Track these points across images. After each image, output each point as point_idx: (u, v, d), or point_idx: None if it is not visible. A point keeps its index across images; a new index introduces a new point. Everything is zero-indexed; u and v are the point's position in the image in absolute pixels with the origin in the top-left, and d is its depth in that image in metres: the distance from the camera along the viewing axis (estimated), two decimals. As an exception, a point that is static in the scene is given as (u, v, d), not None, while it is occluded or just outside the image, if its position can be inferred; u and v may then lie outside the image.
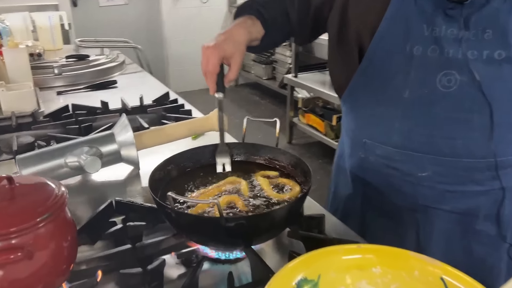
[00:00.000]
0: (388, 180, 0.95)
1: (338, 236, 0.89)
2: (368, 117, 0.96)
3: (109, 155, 1.08)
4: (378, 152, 0.95)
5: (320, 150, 3.43)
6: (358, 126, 0.99)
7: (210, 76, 0.87)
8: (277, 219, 0.77)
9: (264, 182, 0.90)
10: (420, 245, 0.96)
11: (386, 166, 0.94)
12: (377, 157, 0.95)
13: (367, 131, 0.97)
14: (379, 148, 0.94)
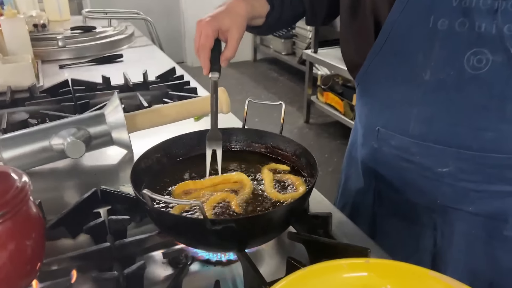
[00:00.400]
0: (403, 175, 0.84)
1: (345, 237, 0.78)
2: (382, 102, 0.83)
3: (99, 137, 0.99)
4: (392, 143, 0.83)
5: (338, 131, 3.29)
6: (372, 112, 0.87)
7: (202, 51, 0.76)
8: (274, 221, 0.67)
9: (268, 177, 0.79)
10: (437, 249, 0.85)
11: (401, 159, 0.83)
12: (391, 148, 0.83)
13: (381, 118, 0.84)
14: (394, 138, 0.82)
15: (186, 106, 1.05)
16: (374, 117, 0.86)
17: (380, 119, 0.85)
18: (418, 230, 0.86)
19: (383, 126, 0.84)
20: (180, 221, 0.63)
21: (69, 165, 1.03)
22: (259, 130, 0.89)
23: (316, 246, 0.72)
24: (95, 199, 0.86)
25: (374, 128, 0.86)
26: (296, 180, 0.78)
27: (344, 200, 1.01)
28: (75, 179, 0.99)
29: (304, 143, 0.85)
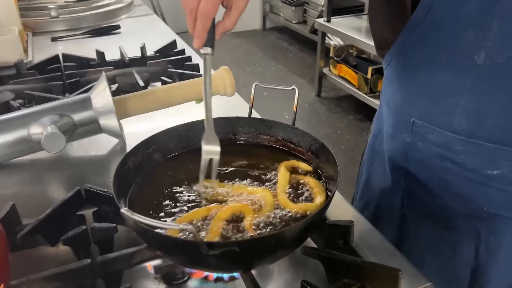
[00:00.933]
0: (442, 176, 0.71)
1: (368, 249, 0.66)
2: (420, 89, 0.70)
3: (85, 124, 0.87)
4: (431, 138, 0.69)
5: (352, 105, 3.13)
6: (406, 100, 0.73)
7: (202, 18, 0.60)
8: (285, 241, 0.54)
9: (283, 178, 0.66)
10: (479, 262, 0.72)
11: (440, 157, 0.69)
12: (429, 144, 0.70)
13: (417, 108, 0.71)
14: (434, 133, 0.69)
15: (184, 88, 0.92)
16: (408, 106, 0.72)
17: (416, 109, 0.71)
18: (456, 238, 0.74)
19: (419, 118, 0.70)
20: (170, 242, 0.51)
21: (51, 155, 0.91)
22: (267, 120, 0.76)
23: (336, 264, 0.60)
24: (78, 200, 0.74)
25: (407, 119, 0.72)
26: (316, 186, 0.65)
27: (365, 199, 0.88)
28: (58, 172, 0.88)
29: (315, 118, 0.72)
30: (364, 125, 2.87)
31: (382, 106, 0.84)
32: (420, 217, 0.77)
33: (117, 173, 0.62)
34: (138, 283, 0.63)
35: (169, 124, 0.76)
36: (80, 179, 0.84)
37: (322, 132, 2.81)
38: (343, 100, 3.22)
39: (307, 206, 0.61)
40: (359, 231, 0.69)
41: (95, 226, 0.66)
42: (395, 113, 0.76)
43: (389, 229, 0.80)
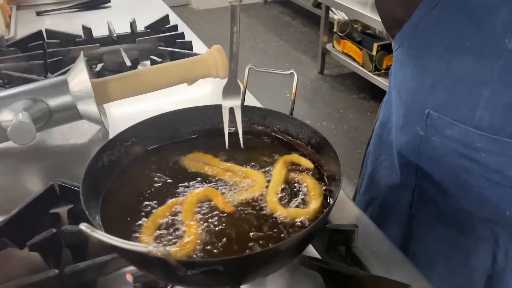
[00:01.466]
0: (459, 176, 0.63)
1: (373, 256, 0.59)
2: (438, 75, 0.61)
3: (62, 110, 0.79)
4: (448, 132, 0.61)
5: (355, 83, 3.02)
6: (420, 88, 0.64)
7: None
8: (276, 257, 0.47)
9: (277, 175, 0.59)
10: (496, 269, 0.65)
11: (458, 155, 0.61)
12: (445, 139, 0.62)
13: (433, 97, 0.62)
14: (452, 127, 0.60)
15: (173, 69, 0.83)
16: (423, 95, 0.64)
17: (431, 99, 0.62)
18: (472, 243, 0.66)
19: (435, 109, 0.62)
20: (141, 259, 0.44)
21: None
22: (261, 108, 0.67)
23: (337, 276, 0.53)
24: (52, 197, 0.67)
25: (421, 110, 0.64)
26: (313, 188, 0.57)
27: (370, 194, 0.81)
28: (33, 163, 0.80)
29: (318, 97, 0.64)
30: (368, 105, 2.77)
31: (391, 92, 0.75)
32: (431, 219, 0.70)
33: (88, 171, 0.54)
34: (116, 290, 0.56)
35: (161, 108, 0.67)
36: (58, 170, 0.77)
37: (325, 112, 2.72)
38: (346, 78, 3.11)
39: (297, 212, 0.53)
40: (363, 234, 0.61)
41: (66, 229, 0.59)
42: (407, 103, 0.68)
43: (395, 229, 0.73)
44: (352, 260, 0.59)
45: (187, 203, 0.54)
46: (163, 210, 0.53)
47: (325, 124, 2.60)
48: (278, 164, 0.61)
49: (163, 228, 0.52)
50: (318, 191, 0.56)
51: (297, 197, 0.57)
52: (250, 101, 0.94)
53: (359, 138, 2.45)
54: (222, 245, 0.49)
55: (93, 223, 0.48)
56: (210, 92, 1.01)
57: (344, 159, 0.93)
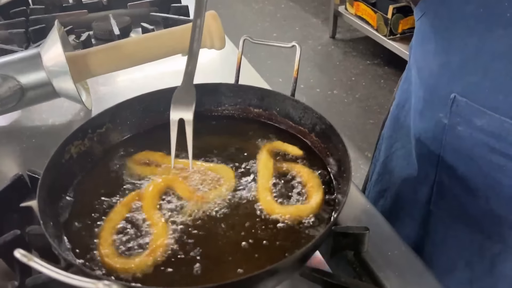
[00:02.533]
0: (489, 173, 0.54)
1: (385, 263, 0.50)
2: (468, 53, 0.51)
3: (36, 87, 0.70)
4: (478, 122, 0.51)
5: (369, 48, 2.86)
6: (445, 67, 0.54)
7: None
8: (274, 275, 0.39)
9: (265, 168, 0.50)
10: None
11: (490, 149, 0.52)
12: (474, 130, 0.52)
13: (461, 80, 0.52)
14: (483, 116, 0.51)
15: (159, 41, 0.73)
16: (449, 77, 0.53)
17: (459, 82, 0.52)
18: (498, 249, 0.57)
19: (463, 94, 0.52)
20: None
21: (7, 124, 0.75)
22: (258, 88, 0.58)
23: (343, 291, 0.45)
24: (21, 189, 0.59)
25: (445, 94, 0.54)
26: (310, 179, 0.48)
27: (382, 184, 0.71)
28: (5, 147, 0.72)
29: (329, 63, 0.54)
30: (382, 71, 2.63)
31: (410, 68, 0.64)
32: (452, 219, 0.61)
33: (50, 168, 0.46)
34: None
35: (155, 84, 0.59)
36: (33, 156, 0.69)
37: (336, 79, 2.59)
38: (359, 43, 2.95)
39: (299, 210, 0.45)
40: (375, 236, 0.52)
41: (31, 231, 0.51)
42: (429, 85, 0.57)
43: (410, 227, 0.64)
44: (361, 267, 0.51)
45: (146, 198, 0.46)
46: (119, 211, 0.45)
47: (336, 92, 2.48)
48: (261, 155, 0.52)
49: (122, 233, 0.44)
50: (315, 181, 0.48)
51: (291, 191, 0.48)
52: (250, 73, 0.84)
53: (372, 108, 2.34)
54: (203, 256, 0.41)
55: (49, 235, 0.40)
56: (211, 62, 0.91)
57: (355, 130, 0.83)
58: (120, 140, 0.55)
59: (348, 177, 0.45)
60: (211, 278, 0.40)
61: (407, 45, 2.84)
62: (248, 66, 0.85)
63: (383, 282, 0.48)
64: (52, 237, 0.40)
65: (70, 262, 0.38)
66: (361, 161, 1.94)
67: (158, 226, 0.44)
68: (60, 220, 0.47)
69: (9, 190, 0.58)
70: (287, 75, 2.60)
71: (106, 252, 0.41)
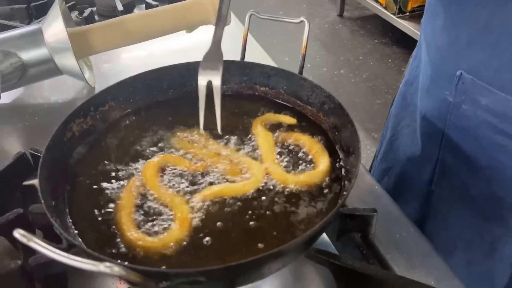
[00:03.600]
0: (492, 154, 0.53)
1: (393, 245, 0.49)
2: (476, 30, 0.49)
3: (38, 64, 0.69)
4: (483, 101, 0.50)
5: (377, 27, 2.81)
6: (453, 44, 0.52)
7: None
8: (273, 261, 0.38)
9: (265, 142, 0.49)
10: None
11: (494, 129, 0.51)
12: (478, 109, 0.51)
13: (468, 57, 0.51)
14: (488, 94, 0.49)
15: (163, 17, 0.71)
16: (456, 53, 0.52)
17: (466, 59, 0.51)
18: (499, 233, 0.57)
19: (469, 71, 0.51)
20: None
21: (11, 100, 0.74)
22: (265, 65, 0.56)
23: (351, 275, 0.44)
24: (24, 166, 0.58)
25: (452, 71, 0.52)
26: (312, 144, 0.47)
27: (387, 162, 0.70)
28: (8, 125, 0.71)
29: (336, 42, 0.53)
30: (390, 51, 2.58)
31: (421, 45, 0.62)
32: (454, 199, 0.60)
33: (52, 146, 0.45)
34: (91, 281, 0.49)
35: (158, 61, 0.57)
36: (36, 134, 0.68)
37: (343, 58, 2.55)
38: (368, 21, 2.89)
39: (311, 175, 0.45)
40: (382, 218, 0.51)
41: (34, 210, 0.50)
42: (436, 61, 0.56)
43: (412, 205, 0.63)
44: (368, 250, 0.50)
45: (150, 177, 0.45)
46: (127, 196, 0.44)
47: (343, 71, 2.45)
48: (256, 129, 0.51)
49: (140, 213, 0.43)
50: (318, 146, 0.48)
51: (297, 160, 0.47)
52: (256, 51, 0.82)
53: (379, 87, 2.30)
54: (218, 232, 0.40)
55: (50, 215, 0.39)
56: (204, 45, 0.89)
57: (362, 110, 0.81)
58: (123, 116, 0.54)
59: (357, 158, 0.43)
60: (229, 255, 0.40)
61: (416, 23, 2.79)
62: (254, 44, 0.83)
63: (391, 264, 0.48)
64: (54, 217, 0.39)
65: (72, 242, 0.37)
66: (368, 142, 1.92)
67: (175, 202, 0.43)
68: (62, 199, 0.46)
69: (11, 169, 0.57)
70: (293, 54, 2.56)
71: (133, 233, 0.40)
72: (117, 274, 0.28)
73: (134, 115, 0.54)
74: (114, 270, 0.28)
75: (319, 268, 0.47)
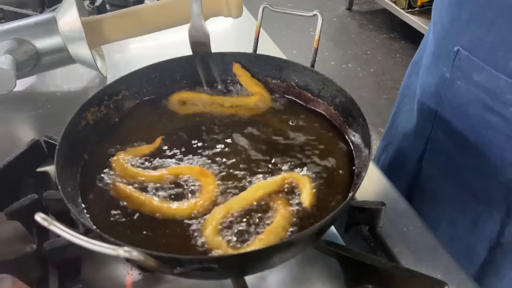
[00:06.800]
0: (481, 131, 0.54)
1: (400, 237, 0.50)
2: (476, 7, 0.51)
3: (51, 53, 0.69)
4: (476, 77, 0.52)
5: (386, 21, 2.79)
6: (455, 21, 0.54)
7: None
8: (284, 251, 0.39)
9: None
10: (502, 242, 0.59)
11: (484, 106, 0.52)
12: (471, 85, 0.53)
13: (467, 34, 0.52)
14: (481, 71, 0.51)
15: (176, 7, 0.71)
16: (457, 30, 0.53)
17: (464, 36, 0.52)
18: (481, 210, 0.59)
19: (466, 48, 0.52)
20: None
21: (23, 89, 0.75)
22: (277, 58, 0.56)
23: (359, 266, 0.45)
24: (38, 154, 0.59)
25: (451, 47, 0.54)
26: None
27: (387, 139, 0.73)
28: (21, 113, 0.72)
29: (344, 36, 0.54)
30: (398, 46, 2.57)
31: (431, 26, 0.64)
32: (441, 176, 0.62)
33: (67, 134, 0.45)
34: (104, 267, 0.50)
35: (170, 52, 0.58)
36: (49, 121, 0.69)
37: (351, 52, 2.54)
38: (376, 15, 2.88)
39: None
40: (390, 211, 0.52)
41: (49, 195, 0.51)
42: (439, 38, 0.57)
43: (403, 181, 0.65)
44: (376, 243, 0.51)
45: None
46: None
47: (351, 66, 2.44)
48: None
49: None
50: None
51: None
52: (267, 44, 0.82)
53: (387, 82, 2.30)
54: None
55: (67, 201, 0.40)
56: (226, 31, 0.89)
57: (369, 105, 0.81)
58: (137, 106, 0.55)
59: (368, 151, 0.44)
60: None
61: (426, 19, 2.77)
62: (265, 36, 0.84)
63: (397, 257, 0.48)
64: (70, 203, 0.40)
65: (88, 227, 0.38)
66: (374, 137, 1.90)
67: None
68: (77, 186, 0.47)
69: (25, 155, 0.58)
70: (301, 47, 2.56)
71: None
72: (135, 259, 0.29)
73: (147, 104, 0.55)
74: (133, 254, 0.28)
75: (326, 259, 0.48)
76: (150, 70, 0.55)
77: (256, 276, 0.46)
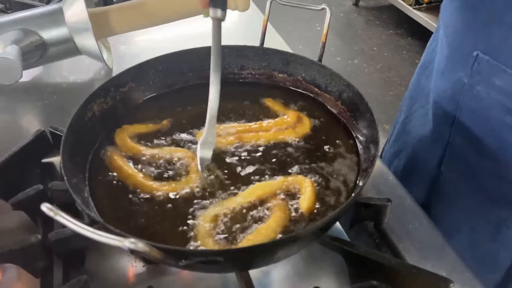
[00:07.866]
0: (503, 136, 0.53)
1: (406, 235, 0.50)
2: (494, 11, 0.50)
3: (58, 44, 0.69)
4: (497, 82, 0.51)
5: (393, 17, 2.77)
6: (471, 25, 0.53)
7: None
8: (290, 245, 0.38)
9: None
10: None
11: (506, 111, 0.52)
12: (492, 90, 0.52)
13: (485, 37, 0.51)
14: (503, 75, 0.50)
15: (182, 0, 0.71)
16: (473, 34, 0.52)
17: (483, 40, 0.51)
18: (504, 216, 0.58)
19: (485, 51, 0.51)
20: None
21: (29, 79, 0.75)
22: (284, 52, 0.56)
23: (363, 262, 0.45)
24: (43, 145, 0.59)
25: (468, 52, 0.53)
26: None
27: (398, 146, 0.71)
28: (27, 103, 0.71)
29: (350, 32, 0.53)
30: (405, 42, 2.56)
31: (439, 28, 0.62)
32: (461, 181, 0.61)
33: (73, 125, 0.45)
34: (108, 258, 0.50)
35: (176, 45, 0.58)
36: (55, 112, 0.69)
37: (357, 48, 2.53)
38: (383, 11, 2.86)
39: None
40: (396, 208, 0.52)
41: (54, 186, 0.51)
42: (453, 43, 0.56)
43: (420, 187, 0.64)
44: (381, 239, 0.50)
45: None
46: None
47: (357, 62, 2.43)
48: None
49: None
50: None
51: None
52: (273, 38, 0.81)
53: (393, 79, 2.29)
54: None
55: (73, 192, 0.40)
56: (232, 24, 0.88)
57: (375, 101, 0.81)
58: (143, 98, 0.54)
59: (375, 147, 0.44)
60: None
61: (433, 15, 2.75)
62: (272, 31, 0.83)
63: (403, 254, 0.48)
64: (75, 194, 0.40)
65: (94, 218, 0.38)
66: (379, 134, 1.91)
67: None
68: (83, 178, 0.47)
69: (31, 146, 0.58)
70: (307, 41, 2.55)
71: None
72: (140, 250, 0.29)
73: (153, 96, 0.55)
74: (138, 246, 0.28)
75: (331, 254, 0.48)
76: (157, 62, 0.55)
77: (260, 270, 0.46)
